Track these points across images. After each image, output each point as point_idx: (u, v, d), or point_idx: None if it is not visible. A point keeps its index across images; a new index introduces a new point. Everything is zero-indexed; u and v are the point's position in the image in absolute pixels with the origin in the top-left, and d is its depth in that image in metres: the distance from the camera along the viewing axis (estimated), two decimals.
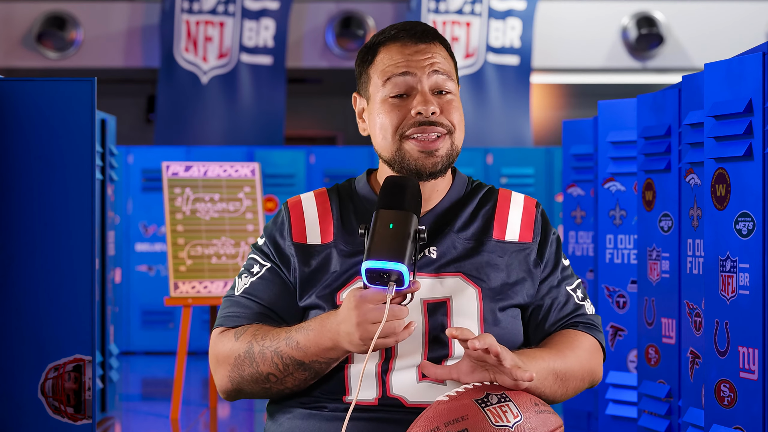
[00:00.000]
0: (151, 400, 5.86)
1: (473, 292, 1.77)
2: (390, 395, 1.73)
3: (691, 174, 3.33)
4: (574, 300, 1.87)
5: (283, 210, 1.88)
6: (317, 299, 1.78)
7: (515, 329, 1.81)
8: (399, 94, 1.80)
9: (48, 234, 2.83)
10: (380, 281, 1.63)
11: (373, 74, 1.83)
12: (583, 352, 1.82)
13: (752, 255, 2.77)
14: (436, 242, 1.81)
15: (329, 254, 1.81)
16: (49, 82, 2.84)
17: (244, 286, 1.84)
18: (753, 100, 2.77)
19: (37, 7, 8.94)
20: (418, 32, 1.82)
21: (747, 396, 2.78)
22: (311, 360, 1.72)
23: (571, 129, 4.85)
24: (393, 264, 1.61)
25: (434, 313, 1.76)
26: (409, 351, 1.74)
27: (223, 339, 1.80)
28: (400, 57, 1.80)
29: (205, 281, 4.98)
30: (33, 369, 2.82)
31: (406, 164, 1.79)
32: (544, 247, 1.86)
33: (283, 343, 1.73)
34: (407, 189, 1.71)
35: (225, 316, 1.84)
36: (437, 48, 1.83)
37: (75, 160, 2.84)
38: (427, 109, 1.77)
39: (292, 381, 1.75)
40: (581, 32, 9.36)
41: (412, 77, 1.79)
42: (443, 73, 1.80)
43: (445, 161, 1.80)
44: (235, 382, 1.78)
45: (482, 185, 1.91)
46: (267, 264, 1.84)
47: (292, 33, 9.01)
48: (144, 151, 7.37)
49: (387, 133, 1.80)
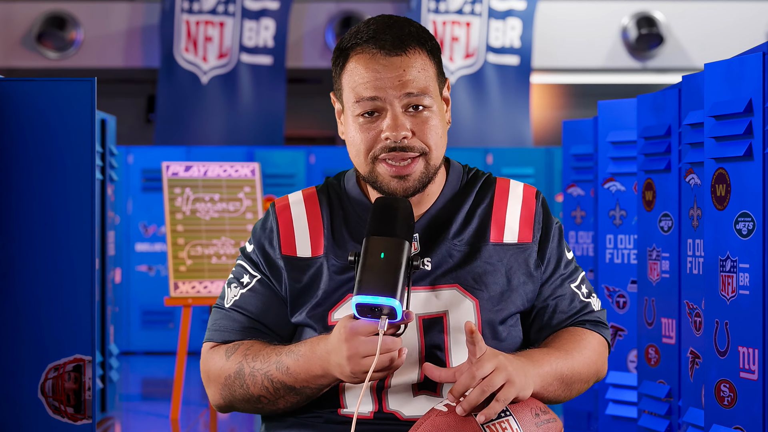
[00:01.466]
0: (151, 400, 5.85)
1: (470, 305, 1.70)
2: (386, 410, 1.69)
3: (691, 174, 3.33)
4: (580, 297, 1.80)
5: (270, 214, 1.80)
6: (308, 318, 1.72)
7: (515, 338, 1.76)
8: (369, 111, 1.69)
9: (48, 234, 2.82)
10: (371, 314, 1.56)
11: (345, 85, 1.71)
12: (590, 353, 1.77)
13: (752, 255, 2.76)
14: (431, 252, 1.72)
15: (320, 269, 1.73)
16: (49, 82, 2.83)
17: (234, 298, 1.78)
18: (753, 100, 2.77)
19: (37, 7, 8.94)
20: (389, 41, 1.67)
21: (747, 396, 2.78)
22: (302, 385, 1.67)
23: (571, 129, 4.85)
24: (384, 299, 1.53)
25: (430, 330, 1.69)
26: (405, 369, 1.68)
27: (213, 356, 1.76)
28: (369, 75, 1.67)
29: (205, 281, 4.98)
30: (33, 369, 2.81)
31: (379, 186, 1.71)
32: (545, 243, 1.78)
33: (273, 367, 1.68)
34: (398, 212, 1.62)
35: (214, 330, 1.79)
36: (412, 58, 1.68)
37: (75, 160, 2.82)
38: (397, 135, 1.66)
39: (284, 403, 1.70)
40: (581, 32, 9.35)
41: (381, 101, 1.67)
42: (417, 93, 1.67)
43: (419, 184, 1.70)
44: (227, 399, 1.75)
45: (479, 174, 1.81)
46: (257, 275, 1.77)
47: (292, 33, 9.01)
48: (144, 151, 7.36)
49: (360, 153, 1.71)
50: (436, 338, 1.69)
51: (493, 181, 1.81)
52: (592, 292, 1.83)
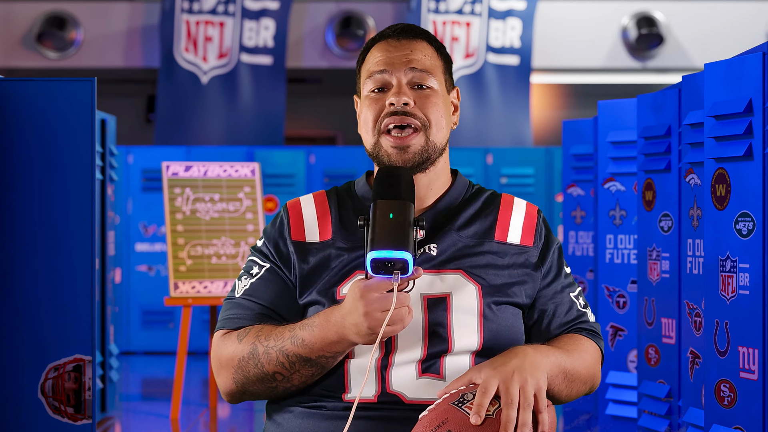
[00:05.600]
0: (151, 400, 5.85)
1: (473, 289, 1.78)
2: (389, 391, 1.74)
3: (691, 174, 3.33)
4: (577, 307, 1.89)
5: (282, 212, 1.90)
6: (317, 295, 1.79)
7: (516, 327, 1.82)
8: (378, 88, 1.83)
9: (48, 234, 2.82)
10: (384, 270, 1.65)
11: (363, 73, 1.88)
12: (588, 356, 1.84)
13: (752, 255, 2.76)
14: (437, 239, 1.82)
15: (328, 252, 1.82)
16: (49, 82, 2.84)
17: (244, 288, 1.85)
18: (753, 100, 2.77)
19: (37, 7, 8.94)
20: (400, 29, 1.86)
21: (747, 396, 2.77)
22: (317, 356, 1.73)
23: (571, 129, 4.85)
24: (399, 252, 1.63)
25: (434, 309, 1.77)
26: (408, 345, 1.75)
27: (225, 341, 1.81)
28: (381, 55, 1.84)
29: (205, 281, 4.98)
30: (33, 369, 2.82)
31: (381, 159, 1.83)
32: (546, 253, 1.87)
33: (288, 342, 1.74)
34: (401, 178, 1.74)
35: (226, 318, 1.85)
36: (420, 45, 1.86)
37: (75, 160, 2.83)
38: (399, 99, 1.80)
39: (299, 378, 1.76)
40: (581, 32, 9.35)
41: (389, 74, 1.83)
42: (421, 69, 1.83)
43: (418, 158, 1.82)
44: (240, 383, 1.79)
45: (483, 190, 1.93)
46: (266, 264, 1.86)
47: (292, 33, 9.01)
48: (144, 151, 7.36)
49: (368, 127, 1.84)
50: (439, 316, 1.77)
51: (498, 195, 1.92)
52: (587, 306, 1.93)
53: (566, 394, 1.78)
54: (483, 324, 1.77)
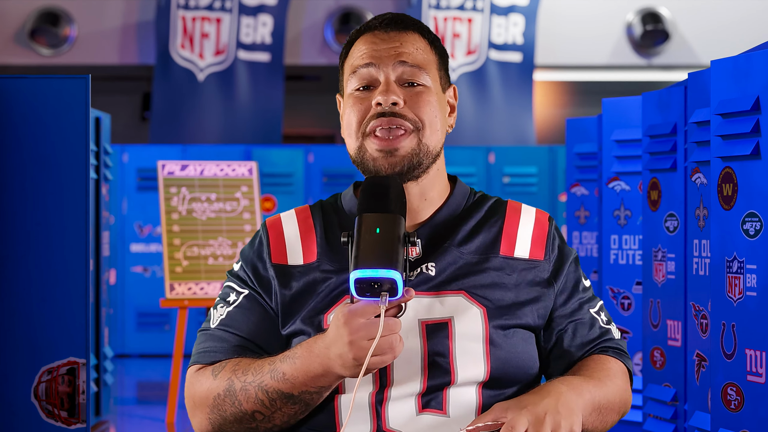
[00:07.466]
0: (146, 403, 5.83)
1: (477, 312, 1.61)
2: (386, 429, 1.57)
3: (697, 173, 3.31)
4: (600, 324, 1.71)
5: (261, 231, 1.72)
6: (301, 324, 1.62)
7: (527, 353, 1.65)
8: (363, 86, 1.65)
9: (41, 234, 2.82)
10: (371, 292, 1.46)
11: (346, 69, 1.69)
12: (619, 381, 1.67)
13: (759, 256, 2.75)
14: (435, 257, 1.64)
15: (313, 276, 1.64)
16: (43, 79, 2.83)
17: (220, 317, 1.67)
18: (761, 97, 2.76)
19: (30, 3, 8.90)
20: (388, 20, 1.69)
21: (754, 399, 2.76)
22: (300, 391, 1.55)
23: (575, 127, 4.82)
24: (385, 271, 1.44)
25: (433, 336, 1.59)
26: (405, 378, 1.58)
27: (199, 378, 1.63)
28: (366, 47, 1.66)
29: (201, 282, 4.95)
30: (26, 372, 2.81)
31: (366, 165, 1.63)
32: (560, 267, 1.69)
33: (268, 377, 1.56)
34: (390, 189, 1.55)
35: (200, 353, 1.67)
36: (410, 37, 1.67)
37: (69, 159, 2.83)
38: (387, 98, 1.61)
39: (281, 417, 1.58)
40: (585, 28, 9.32)
41: (375, 68, 1.64)
42: (412, 64, 1.64)
43: (407, 162, 1.62)
44: (216, 424, 1.61)
45: (486, 197, 1.74)
46: (244, 291, 1.68)
47: (290, 29, 8.97)
48: (139, 150, 7.34)
49: (351, 130, 1.65)
50: (439, 344, 1.59)
51: (504, 202, 1.74)
52: (611, 321, 1.75)
53: (600, 428, 1.63)
54: (490, 351, 1.59)
